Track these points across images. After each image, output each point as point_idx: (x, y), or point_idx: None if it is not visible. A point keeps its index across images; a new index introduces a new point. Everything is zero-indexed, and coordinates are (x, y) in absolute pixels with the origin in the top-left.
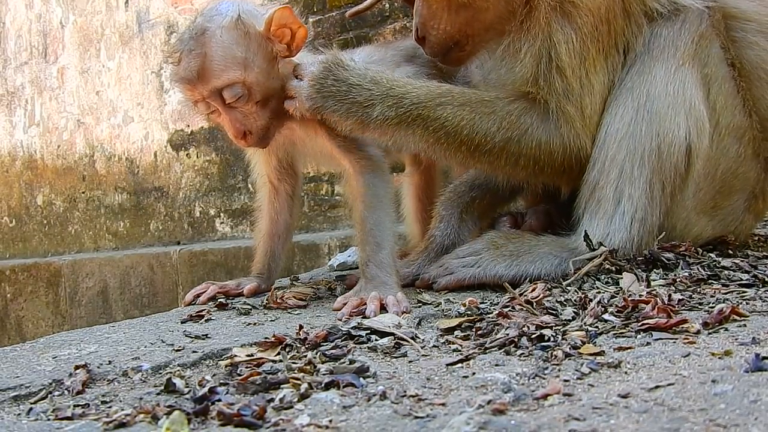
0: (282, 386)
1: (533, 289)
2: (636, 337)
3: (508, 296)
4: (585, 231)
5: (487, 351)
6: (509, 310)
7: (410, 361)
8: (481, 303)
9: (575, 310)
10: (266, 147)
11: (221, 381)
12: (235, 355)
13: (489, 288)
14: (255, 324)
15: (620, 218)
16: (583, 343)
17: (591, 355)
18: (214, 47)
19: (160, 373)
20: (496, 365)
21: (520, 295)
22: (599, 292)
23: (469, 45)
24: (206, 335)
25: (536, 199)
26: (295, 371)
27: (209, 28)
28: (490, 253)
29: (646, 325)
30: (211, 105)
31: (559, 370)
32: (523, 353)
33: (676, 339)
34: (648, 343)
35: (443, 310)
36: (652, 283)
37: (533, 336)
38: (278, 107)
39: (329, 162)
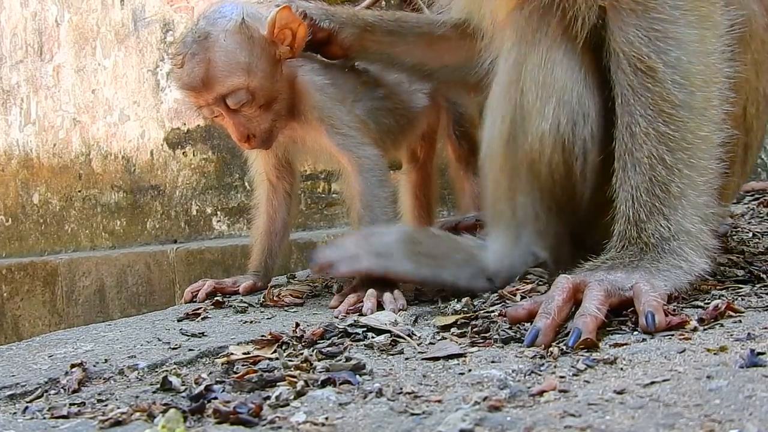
0: (278, 384)
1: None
2: (632, 334)
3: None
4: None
5: (483, 348)
6: (505, 308)
7: (406, 358)
8: (477, 300)
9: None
10: (269, 148)
11: (217, 379)
12: (232, 353)
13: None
14: (251, 322)
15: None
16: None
17: (586, 351)
18: (217, 53)
19: (156, 372)
20: (492, 362)
21: (513, 293)
22: None
23: None
24: (203, 333)
25: None
26: (292, 369)
27: (212, 32)
28: (404, 247)
29: None
30: (215, 110)
31: (554, 367)
32: (518, 350)
33: (672, 335)
34: (643, 340)
35: (439, 307)
36: None
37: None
38: (281, 109)
39: (328, 160)
